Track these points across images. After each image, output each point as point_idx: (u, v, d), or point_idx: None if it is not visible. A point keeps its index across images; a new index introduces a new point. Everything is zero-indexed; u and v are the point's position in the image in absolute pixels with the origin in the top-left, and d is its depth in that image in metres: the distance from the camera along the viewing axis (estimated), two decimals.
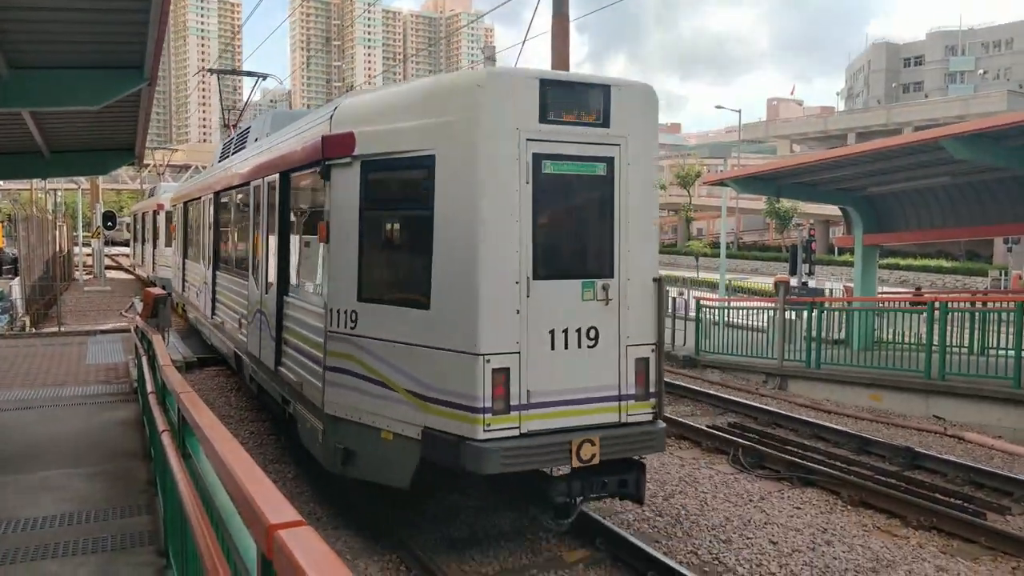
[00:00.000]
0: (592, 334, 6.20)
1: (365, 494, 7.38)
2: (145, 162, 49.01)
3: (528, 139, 5.97)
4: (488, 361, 5.75)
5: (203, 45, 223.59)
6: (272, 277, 8.59)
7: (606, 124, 6.29)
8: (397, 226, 6.72)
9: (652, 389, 6.46)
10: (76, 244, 40.42)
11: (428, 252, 6.07)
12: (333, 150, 6.65)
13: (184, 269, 16.61)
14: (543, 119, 6.04)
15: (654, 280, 6.55)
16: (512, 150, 5.92)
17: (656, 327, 6.52)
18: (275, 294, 8.40)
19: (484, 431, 5.70)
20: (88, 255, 41.26)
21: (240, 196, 10.78)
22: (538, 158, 6.02)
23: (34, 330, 19.59)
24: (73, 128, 10.32)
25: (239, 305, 10.49)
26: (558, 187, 6.23)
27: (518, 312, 5.88)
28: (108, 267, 39.71)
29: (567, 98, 6.20)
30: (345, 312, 6.58)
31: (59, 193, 50.36)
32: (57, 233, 32.04)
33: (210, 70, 21.87)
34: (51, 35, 6.36)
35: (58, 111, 8.77)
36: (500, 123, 5.91)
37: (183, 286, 16.71)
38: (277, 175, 8.49)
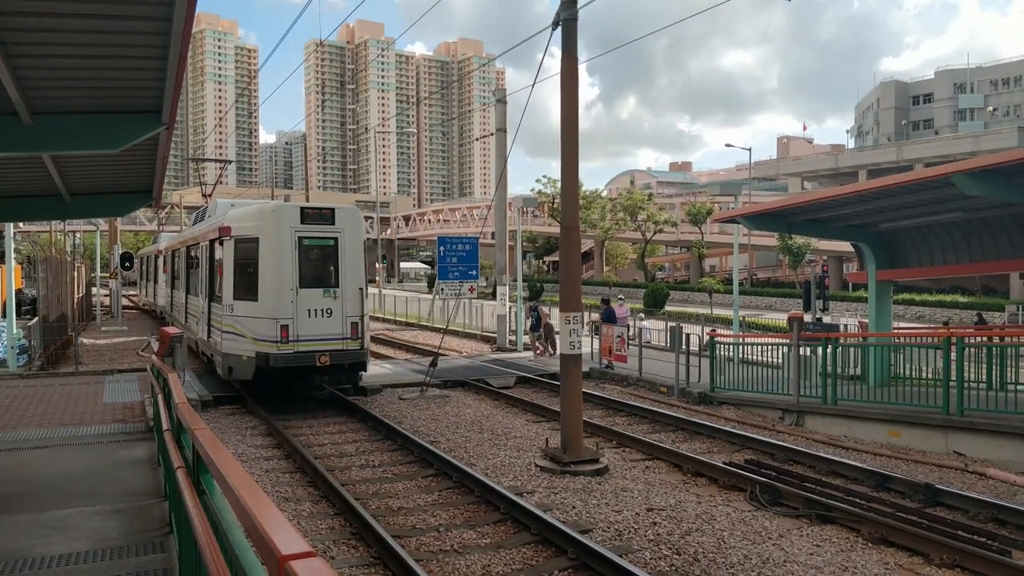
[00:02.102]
0: (329, 312, 14.08)
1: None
2: (162, 204, 49.74)
3: (295, 231, 13.94)
4: (278, 321, 13.67)
5: (220, 89, 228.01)
6: (207, 293, 16.31)
7: (333, 223, 14.29)
8: (247, 267, 14.14)
9: (360, 335, 14.31)
10: (94, 285, 40.81)
11: (256, 277, 13.97)
12: (223, 233, 14.51)
13: (172, 296, 24.97)
14: (303, 222, 14.01)
15: (359, 288, 14.40)
16: (288, 235, 13.88)
17: (361, 308, 14.38)
18: (208, 301, 16.21)
19: (277, 350, 13.60)
20: (106, 295, 41.66)
21: (197, 250, 18.07)
22: (300, 238, 13.99)
23: (52, 370, 19.73)
24: (92, 171, 10.50)
25: (196, 312, 18.07)
26: (311, 249, 14.18)
27: (292, 302, 13.79)
28: (125, 307, 40.05)
29: (314, 213, 14.15)
30: (230, 304, 14.28)
31: (78, 235, 51.04)
32: (75, 274, 32.38)
33: (190, 159, 32.37)
34: (72, 82, 6.50)
35: (78, 155, 8.95)
36: (282, 225, 13.90)
37: (171, 308, 24.95)
38: (208, 241, 16.00)
